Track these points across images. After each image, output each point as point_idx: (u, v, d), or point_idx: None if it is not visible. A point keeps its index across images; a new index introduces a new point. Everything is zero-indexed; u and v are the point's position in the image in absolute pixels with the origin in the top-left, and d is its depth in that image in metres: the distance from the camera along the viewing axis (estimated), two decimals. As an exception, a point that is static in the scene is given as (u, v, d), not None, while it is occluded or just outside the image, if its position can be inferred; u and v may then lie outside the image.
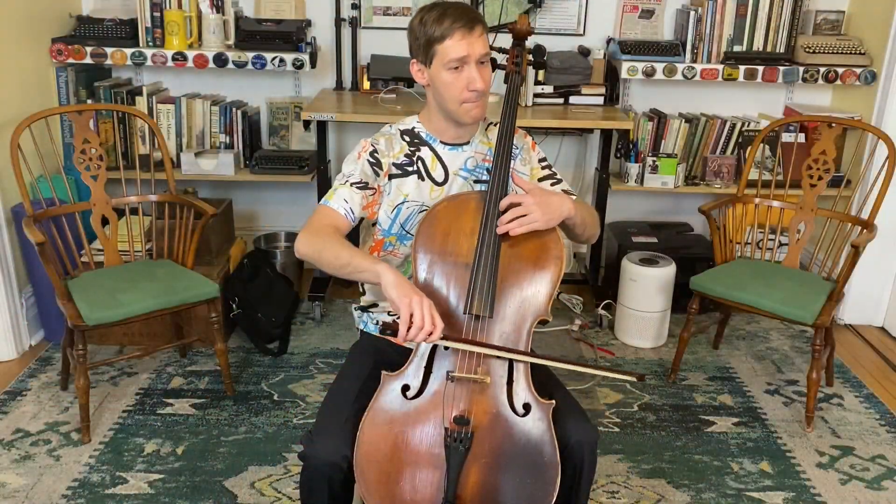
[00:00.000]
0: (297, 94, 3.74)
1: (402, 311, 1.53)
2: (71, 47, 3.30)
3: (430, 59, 1.74)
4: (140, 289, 2.57)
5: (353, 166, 1.82)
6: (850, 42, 3.43)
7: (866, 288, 3.46)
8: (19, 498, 2.27)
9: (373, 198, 1.82)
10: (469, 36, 1.70)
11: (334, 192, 1.79)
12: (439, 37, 1.70)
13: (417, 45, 1.76)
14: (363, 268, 1.62)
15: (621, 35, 3.63)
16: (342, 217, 1.75)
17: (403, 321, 1.53)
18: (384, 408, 1.64)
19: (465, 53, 1.70)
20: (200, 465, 2.43)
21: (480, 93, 1.74)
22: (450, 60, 1.71)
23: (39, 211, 2.63)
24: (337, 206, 1.76)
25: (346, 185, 1.78)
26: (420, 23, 1.74)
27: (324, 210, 1.76)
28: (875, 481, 2.46)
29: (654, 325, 3.23)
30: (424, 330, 1.52)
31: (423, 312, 1.52)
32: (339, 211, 1.76)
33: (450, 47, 1.70)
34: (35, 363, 3.00)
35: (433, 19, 1.71)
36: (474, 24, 1.71)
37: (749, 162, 3.05)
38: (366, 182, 1.80)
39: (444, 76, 1.73)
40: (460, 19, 1.69)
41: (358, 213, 1.78)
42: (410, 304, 1.52)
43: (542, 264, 1.72)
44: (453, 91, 1.74)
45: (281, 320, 3.23)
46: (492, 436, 1.61)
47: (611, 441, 2.61)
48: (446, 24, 1.69)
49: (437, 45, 1.71)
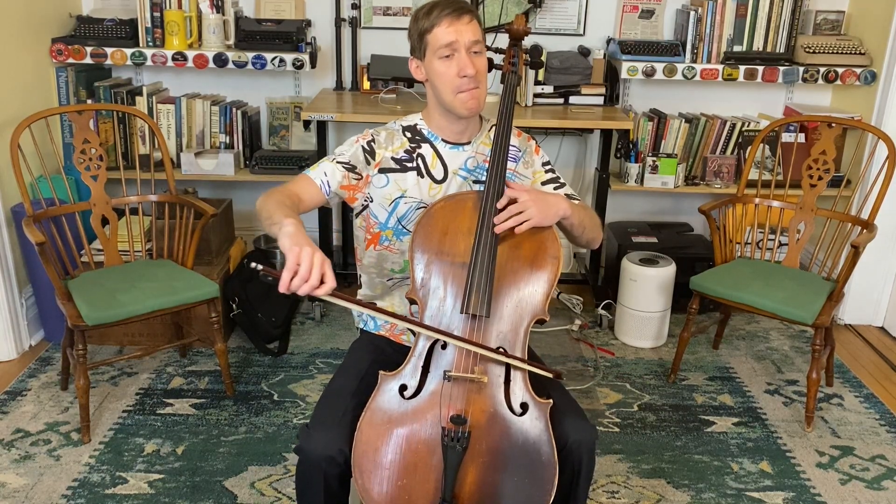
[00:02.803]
0: (297, 94, 3.74)
1: (289, 259, 1.48)
2: (71, 47, 3.30)
3: (423, 52, 1.80)
4: (140, 289, 2.57)
5: (346, 147, 1.88)
6: (850, 42, 3.43)
7: (866, 288, 3.46)
8: (19, 498, 2.27)
9: (356, 183, 1.85)
10: (457, 23, 1.75)
11: (319, 164, 1.85)
12: (429, 27, 1.76)
13: (413, 42, 1.82)
14: (275, 220, 1.59)
15: (621, 35, 3.63)
16: (315, 186, 1.80)
17: (288, 268, 1.48)
18: (382, 407, 1.64)
19: (454, 39, 1.74)
20: (200, 465, 2.43)
21: (472, 79, 1.76)
22: (440, 47, 1.75)
23: (39, 211, 2.63)
24: (315, 176, 1.82)
25: (332, 161, 1.84)
26: (414, 20, 1.81)
27: (301, 178, 1.82)
28: (875, 481, 2.45)
29: (654, 325, 3.23)
30: (309, 283, 1.47)
31: (310, 264, 1.47)
32: (315, 181, 1.81)
33: (438, 35, 1.75)
34: (35, 363, 3.00)
35: (423, 13, 1.79)
36: (462, 12, 1.76)
37: (749, 162, 3.05)
38: (353, 165, 1.84)
39: (437, 65, 1.77)
40: (447, 7, 1.75)
41: (335, 188, 1.82)
42: (299, 255, 1.48)
43: (539, 264, 1.72)
44: (446, 80, 1.77)
45: (281, 320, 3.23)
46: (489, 435, 1.61)
47: (611, 441, 2.61)
48: (434, 14, 1.76)
49: (428, 34, 1.77)
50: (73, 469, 2.40)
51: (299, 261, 1.47)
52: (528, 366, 1.66)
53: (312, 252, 1.49)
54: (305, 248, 1.49)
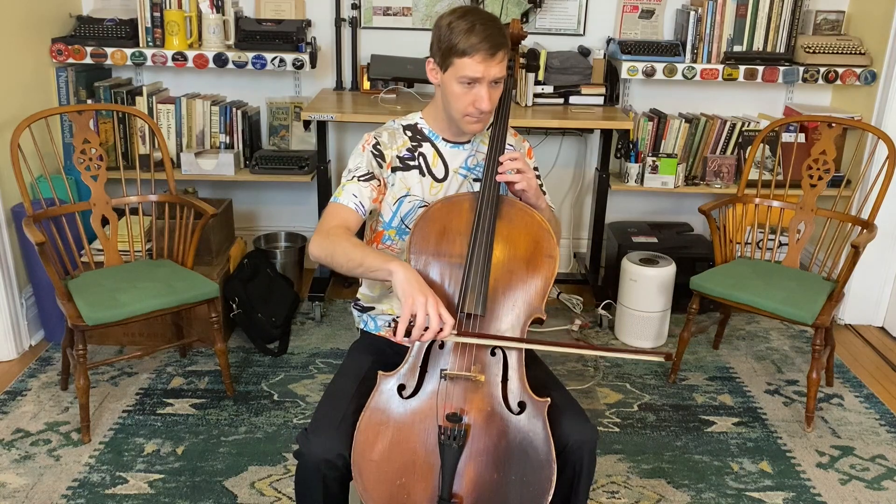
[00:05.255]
0: (297, 94, 3.74)
1: (404, 311, 1.53)
2: (71, 47, 3.30)
3: (446, 66, 1.74)
4: (140, 289, 2.57)
5: (357, 160, 1.85)
6: (850, 42, 3.43)
7: (866, 288, 3.46)
8: (19, 498, 2.27)
9: (380, 188, 1.84)
10: (489, 60, 1.69)
11: (343, 188, 1.81)
12: (461, 51, 1.69)
13: (438, 47, 1.75)
14: (375, 266, 1.61)
15: (621, 35, 3.63)
16: (353, 212, 1.78)
17: (403, 320, 1.53)
18: (380, 407, 1.65)
19: (481, 76, 1.71)
20: (200, 465, 2.43)
21: (484, 111, 1.76)
22: (463, 76, 1.71)
23: (39, 211, 2.63)
24: (346, 201, 1.78)
25: (354, 181, 1.81)
26: (448, 26, 1.72)
27: (334, 208, 1.79)
28: (875, 481, 2.45)
29: (654, 325, 3.23)
30: (430, 331, 1.53)
31: (425, 313, 1.52)
32: (349, 206, 1.78)
33: (467, 65, 1.70)
34: (35, 363, 3.00)
35: (462, 30, 1.69)
36: (498, 49, 1.70)
37: (749, 162, 3.05)
38: (372, 173, 1.83)
39: (455, 87, 1.74)
40: (486, 42, 1.68)
41: (368, 205, 1.81)
42: (413, 305, 1.52)
43: (535, 263, 1.73)
44: (459, 104, 1.76)
45: (281, 320, 3.23)
46: (487, 434, 1.61)
47: (611, 441, 2.61)
48: (471, 42, 1.68)
49: (456, 57, 1.71)
50: (73, 469, 2.40)
51: (413, 311, 1.52)
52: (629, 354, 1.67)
53: (426, 300, 1.53)
54: (418, 298, 1.53)
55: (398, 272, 1.57)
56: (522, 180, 1.76)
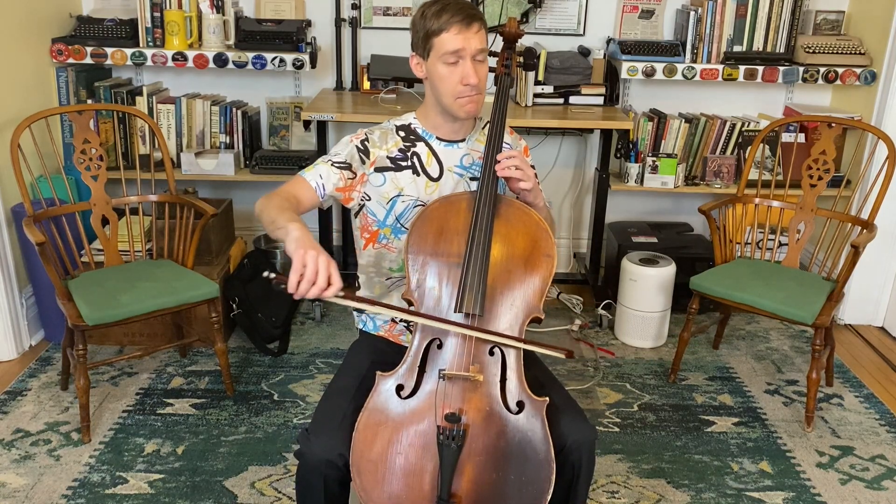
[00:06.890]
0: (297, 94, 3.74)
1: (295, 262, 1.49)
2: (71, 47, 3.31)
3: (427, 52, 1.79)
4: (140, 289, 2.57)
5: (341, 147, 1.88)
6: (850, 42, 3.43)
7: (866, 288, 3.46)
8: (19, 498, 2.27)
9: (351, 182, 1.85)
10: (466, 31, 1.74)
11: (314, 165, 1.84)
12: (437, 30, 1.74)
13: (417, 38, 1.81)
14: (280, 224, 1.60)
15: (621, 35, 3.63)
16: (311, 189, 1.79)
17: (294, 271, 1.48)
18: (379, 408, 1.64)
19: (461, 47, 1.74)
20: (200, 465, 2.43)
21: (474, 87, 1.77)
22: (445, 53, 1.75)
23: (39, 211, 2.64)
24: (310, 178, 1.81)
25: (328, 164, 1.83)
26: (421, 16, 1.79)
27: (297, 179, 1.81)
28: (875, 481, 2.45)
29: (654, 325, 3.23)
30: (317, 285, 1.48)
31: (316, 266, 1.48)
32: (310, 183, 1.80)
33: (446, 40, 1.74)
34: (35, 363, 3.01)
35: (433, 13, 1.76)
36: (472, 20, 1.75)
37: (749, 162, 3.05)
38: (349, 164, 1.84)
39: (440, 69, 1.77)
40: (458, 14, 1.74)
41: (330, 191, 1.82)
42: (304, 257, 1.49)
43: (533, 262, 1.73)
44: (448, 84, 1.77)
45: (281, 320, 3.23)
46: (485, 433, 1.61)
47: (611, 441, 2.61)
48: (444, 18, 1.74)
49: (435, 37, 1.75)
50: (73, 469, 2.40)
51: (305, 263, 1.48)
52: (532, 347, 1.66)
53: (317, 255, 1.49)
54: (310, 251, 1.49)
55: (294, 230, 1.55)
56: (523, 176, 1.77)
